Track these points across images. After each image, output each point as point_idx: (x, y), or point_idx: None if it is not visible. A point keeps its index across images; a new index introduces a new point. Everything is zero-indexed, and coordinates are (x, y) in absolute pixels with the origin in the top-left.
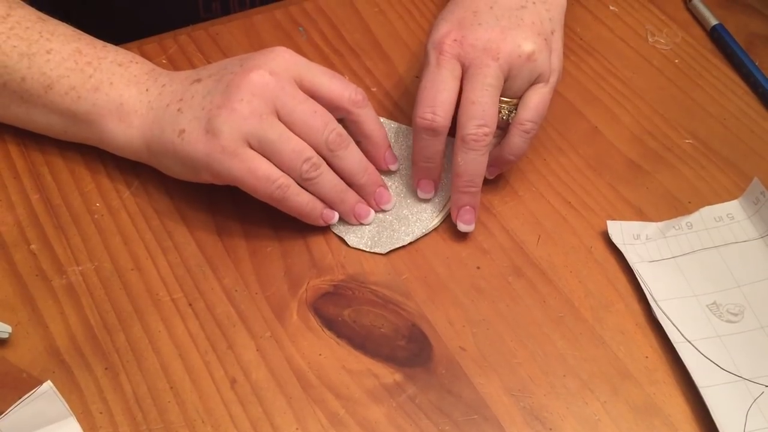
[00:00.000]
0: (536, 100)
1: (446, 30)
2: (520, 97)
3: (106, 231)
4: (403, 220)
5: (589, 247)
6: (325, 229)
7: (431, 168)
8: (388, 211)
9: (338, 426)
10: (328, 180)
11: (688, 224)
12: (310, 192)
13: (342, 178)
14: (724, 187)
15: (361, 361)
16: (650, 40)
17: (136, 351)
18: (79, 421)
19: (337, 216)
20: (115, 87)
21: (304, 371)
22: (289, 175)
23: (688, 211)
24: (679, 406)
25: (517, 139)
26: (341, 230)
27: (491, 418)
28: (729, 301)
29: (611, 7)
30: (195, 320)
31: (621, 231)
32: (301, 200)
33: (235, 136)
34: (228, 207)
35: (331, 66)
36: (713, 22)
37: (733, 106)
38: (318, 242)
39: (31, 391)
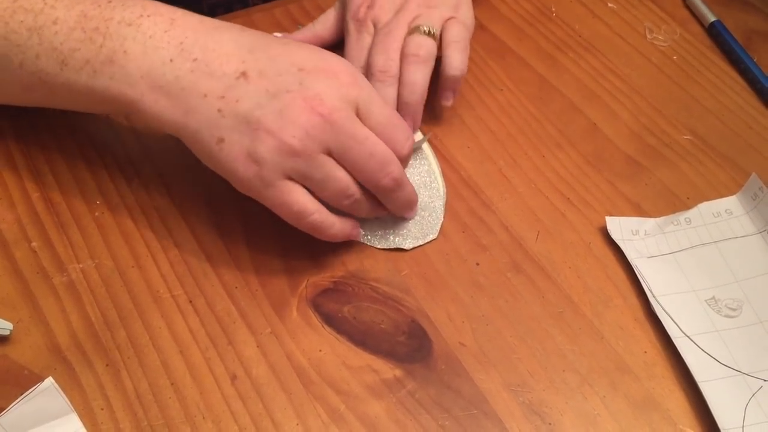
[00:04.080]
0: (455, 26)
1: (359, 2)
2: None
3: (107, 228)
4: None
5: (588, 243)
6: None
7: None
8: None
9: (338, 421)
10: (366, 207)
11: (687, 220)
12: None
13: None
14: (722, 183)
15: (361, 357)
16: (649, 36)
17: (136, 348)
18: (81, 417)
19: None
20: (131, 56)
21: (305, 367)
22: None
23: (686, 207)
24: (678, 400)
25: (452, 53)
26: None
27: (491, 413)
28: (727, 296)
29: (610, 4)
30: (195, 317)
31: (620, 227)
32: (334, 231)
33: (277, 169)
34: (228, 204)
35: None
36: (711, 18)
37: (731, 103)
38: (318, 239)
39: (33, 388)
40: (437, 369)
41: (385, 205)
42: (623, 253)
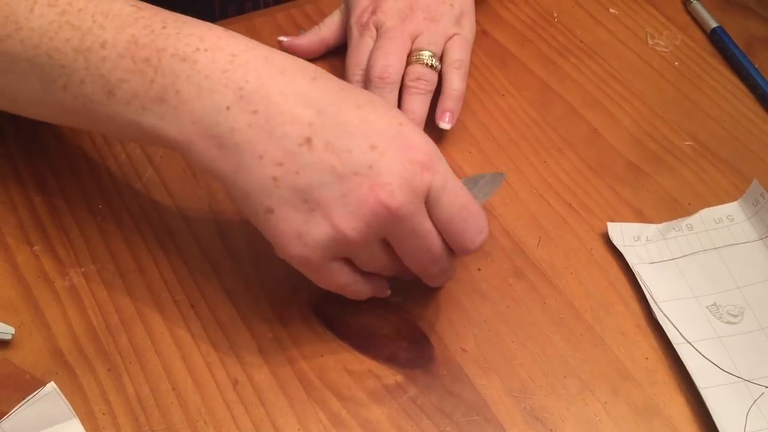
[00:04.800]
0: (457, 45)
1: (364, 5)
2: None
3: (109, 233)
4: None
5: (590, 249)
6: None
7: None
8: None
9: (340, 426)
10: (407, 276)
11: (688, 226)
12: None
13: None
14: (723, 189)
15: (362, 363)
16: (650, 42)
17: (138, 352)
18: (82, 422)
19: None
20: (183, 98)
21: (306, 372)
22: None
23: (687, 213)
24: (679, 407)
25: (452, 77)
26: None
27: (492, 419)
28: (729, 302)
29: (611, 10)
30: (197, 321)
31: (621, 233)
32: (361, 297)
33: (326, 255)
34: (230, 209)
35: (331, 68)
36: (713, 24)
37: (732, 109)
38: None
39: (35, 393)
40: (439, 375)
41: (425, 282)
42: (625, 259)
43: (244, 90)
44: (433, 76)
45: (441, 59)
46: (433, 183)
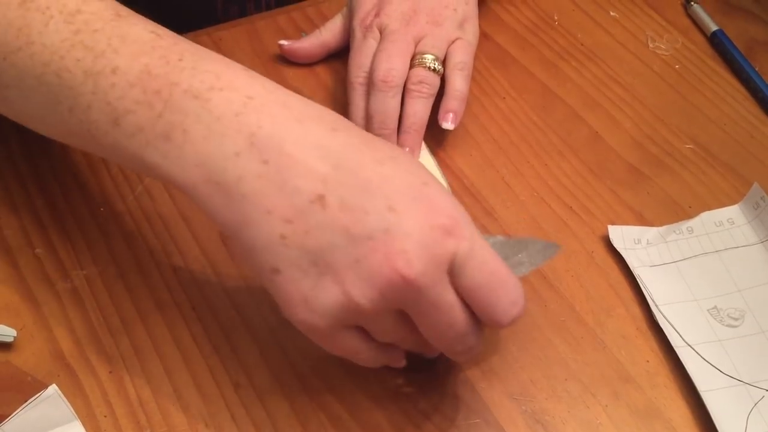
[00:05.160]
0: (460, 49)
1: (368, 8)
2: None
3: (110, 235)
4: None
5: (590, 252)
6: None
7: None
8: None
9: (341, 429)
10: (416, 345)
11: (689, 229)
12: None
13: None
14: (724, 192)
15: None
16: (651, 45)
17: (140, 355)
18: (84, 424)
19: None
20: (190, 138)
21: (308, 375)
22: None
23: (688, 216)
24: (680, 410)
25: (455, 79)
26: None
27: (493, 422)
28: (729, 305)
29: (612, 13)
30: (198, 324)
31: (622, 235)
32: (374, 365)
33: (335, 323)
34: None
35: (332, 70)
36: (713, 27)
37: (733, 112)
38: None
39: (36, 395)
40: (440, 377)
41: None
42: (625, 262)
43: (256, 137)
44: (436, 80)
45: (444, 62)
46: (458, 250)
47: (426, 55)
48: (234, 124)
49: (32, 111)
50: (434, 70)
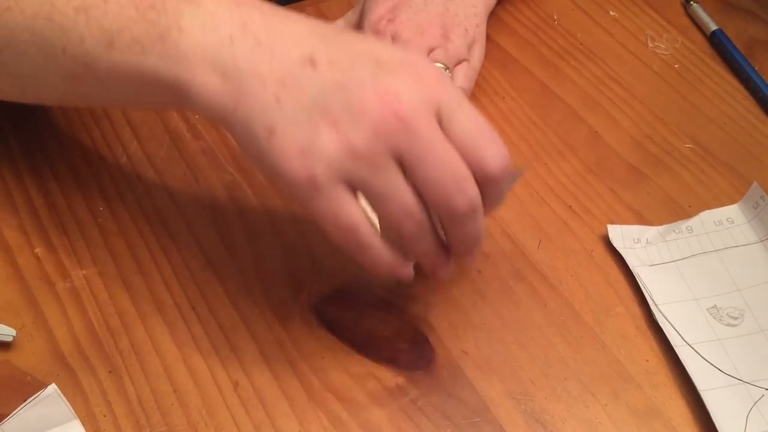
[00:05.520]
0: (462, 73)
1: (381, 13)
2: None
3: (110, 235)
4: None
5: (590, 251)
6: None
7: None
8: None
9: (340, 428)
10: (427, 243)
11: (689, 228)
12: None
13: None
14: (723, 191)
15: (363, 365)
16: (650, 45)
17: (139, 354)
18: (83, 424)
19: (412, 273)
20: (186, 33)
21: (307, 374)
22: (385, 223)
23: (688, 215)
24: (679, 409)
25: None
26: None
27: (493, 421)
28: (729, 304)
29: (611, 13)
30: (198, 324)
31: (621, 235)
32: (380, 261)
33: (333, 170)
34: (231, 211)
35: None
36: (713, 27)
37: (732, 111)
38: (321, 246)
39: (36, 394)
40: (439, 377)
41: (449, 240)
42: (625, 261)
43: (248, 24)
44: None
45: None
46: (445, 99)
47: (437, 64)
48: (227, 16)
49: (26, 70)
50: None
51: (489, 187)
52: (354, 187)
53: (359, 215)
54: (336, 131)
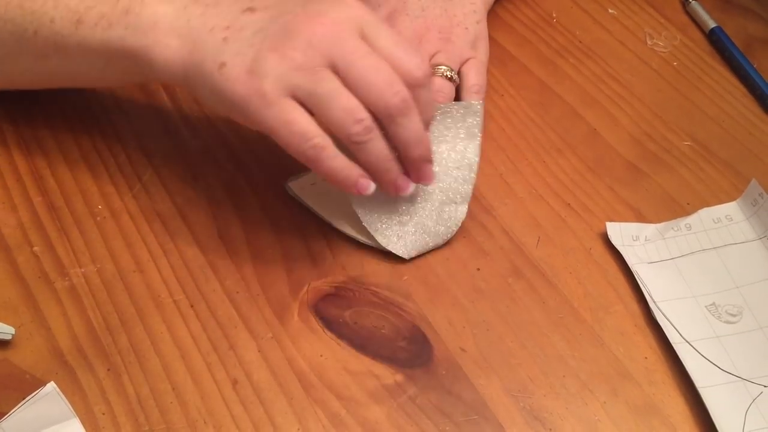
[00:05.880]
0: (473, 69)
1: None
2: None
3: (109, 233)
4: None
5: (589, 249)
6: (326, 231)
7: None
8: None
9: (339, 426)
10: (378, 148)
11: (687, 226)
12: (352, 154)
13: (393, 145)
14: (722, 189)
15: (361, 362)
16: (649, 42)
17: (138, 352)
18: (82, 422)
19: (373, 187)
20: (147, 5)
21: (305, 372)
22: (335, 134)
23: (686, 213)
24: (678, 406)
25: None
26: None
27: (491, 418)
28: (727, 302)
29: (610, 10)
30: (197, 321)
31: (620, 232)
32: (336, 165)
33: (279, 85)
34: (229, 209)
35: None
36: (712, 24)
37: (731, 109)
38: (319, 244)
39: (35, 392)
40: (438, 374)
41: (394, 141)
42: (623, 258)
43: None
44: (452, 89)
45: (459, 78)
46: (366, 19)
47: (440, 67)
48: None
49: (2, 54)
50: (450, 78)
51: (417, 91)
52: (300, 100)
53: (311, 123)
54: (276, 51)
